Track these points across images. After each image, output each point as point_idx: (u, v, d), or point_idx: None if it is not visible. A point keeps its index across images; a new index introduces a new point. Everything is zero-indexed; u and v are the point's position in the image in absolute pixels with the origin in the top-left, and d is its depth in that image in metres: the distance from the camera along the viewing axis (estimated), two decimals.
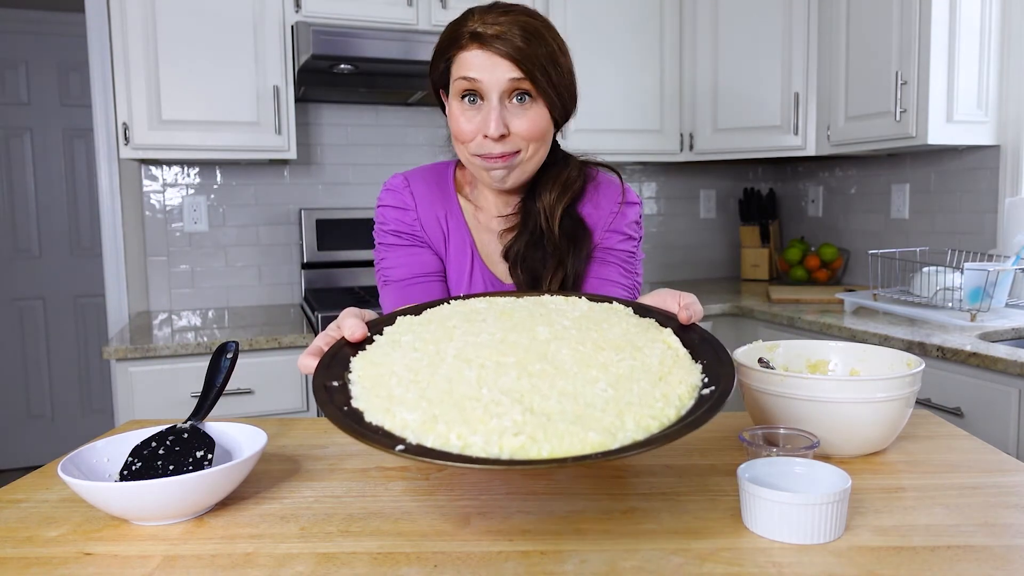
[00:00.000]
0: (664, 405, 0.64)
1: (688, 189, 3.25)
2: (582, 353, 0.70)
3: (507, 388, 0.64)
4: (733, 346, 0.95)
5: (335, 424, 0.63)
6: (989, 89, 2.22)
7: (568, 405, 0.62)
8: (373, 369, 0.70)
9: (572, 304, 0.84)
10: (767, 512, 0.68)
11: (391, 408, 0.63)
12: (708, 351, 0.75)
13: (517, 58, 1.01)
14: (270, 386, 2.10)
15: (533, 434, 0.58)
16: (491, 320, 0.77)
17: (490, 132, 1.03)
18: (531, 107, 1.05)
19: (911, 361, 0.95)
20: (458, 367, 0.68)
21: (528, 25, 1.04)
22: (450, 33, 1.07)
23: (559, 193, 1.13)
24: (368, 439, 0.60)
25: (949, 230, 2.46)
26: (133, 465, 0.81)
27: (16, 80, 3.60)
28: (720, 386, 0.68)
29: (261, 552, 0.69)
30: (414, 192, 1.18)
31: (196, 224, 2.61)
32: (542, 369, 0.67)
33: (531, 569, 0.64)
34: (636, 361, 0.70)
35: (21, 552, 0.70)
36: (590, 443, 0.58)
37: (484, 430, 0.59)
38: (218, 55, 2.26)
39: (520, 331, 0.74)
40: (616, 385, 0.66)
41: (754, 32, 2.67)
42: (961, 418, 1.66)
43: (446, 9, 2.43)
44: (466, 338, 0.73)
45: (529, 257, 1.12)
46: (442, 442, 0.59)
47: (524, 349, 0.70)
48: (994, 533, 0.70)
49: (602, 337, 0.74)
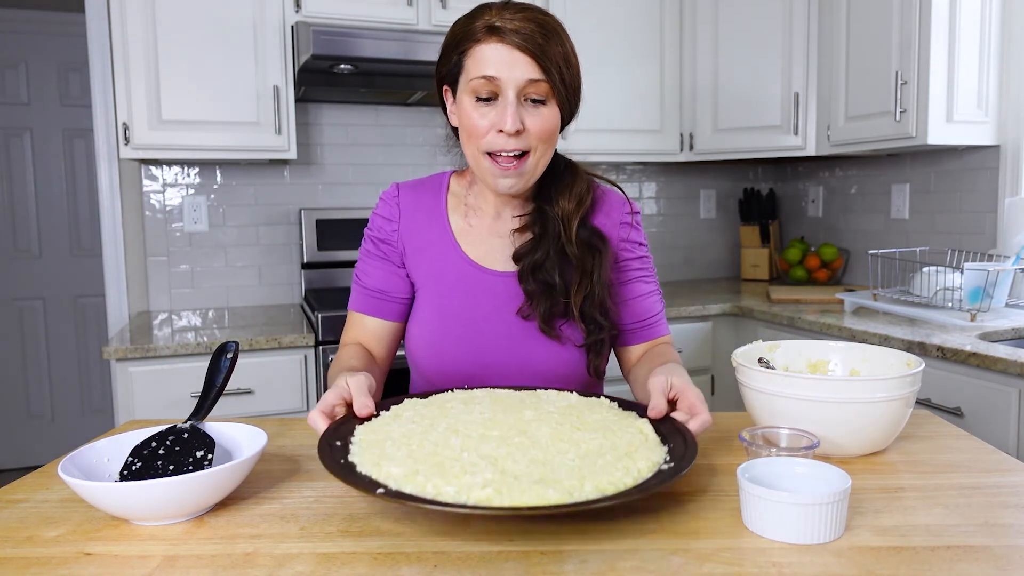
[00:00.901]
0: (623, 475, 0.70)
1: (688, 189, 3.25)
2: (559, 431, 0.78)
3: (485, 454, 0.73)
4: (733, 346, 0.95)
5: (328, 470, 0.72)
6: (989, 89, 2.22)
7: (536, 469, 0.70)
8: (373, 435, 0.79)
9: (563, 396, 0.93)
10: (767, 512, 0.68)
11: (380, 463, 0.72)
12: (678, 437, 0.81)
13: (537, 54, 1.02)
14: (270, 386, 2.10)
15: (499, 488, 0.66)
16: (486, 404, 0.87)
17: (507, 127, 1.02)
18: (544, 106, 1.06)
19: (911, 361, 0.95)
20: (446, 436, 0.77)
21: (546, 23, 1.05)
22: (464, 26, 1.07)
23: (576, 205, 1.13)
24: (353, 483, 0.69)
25: (949, 230, 2.46)
26: (133, 465, 0.81)
27: (16, 80, 3.60)
28: (678, 464, 0.74)
29: (261, 552, 0.69)
30: (401, 203, 1.21)
31: (196, 224, 2.61)
32: (520, 441, 0.76)
33: (531, 569, 0.64)
34: (607, 440, 0.77)
35: (21, 552, 0.70)
36: (548, 499, 0.65)
37: (457, 483, 0.67)
38: (218, 55, 2.26)
39: (508, 412, 0.83)
40: (583, 457, 0.73)
41: (754, 32, 2.67)
42: (961, 418, 1.66)
43: (446, 9, 2.43)
44: (459, 416, 0.83)
45: (547, 266, 1.12)
46: (419, 490, 0.67)
47: (508, 426, 0.79)
48: (994, 533, 0.70)
49: (581, 421, 0.82)
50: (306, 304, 2.50)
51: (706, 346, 2.51)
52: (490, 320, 1.15)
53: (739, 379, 0.95)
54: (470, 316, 1.15)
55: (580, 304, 1.10)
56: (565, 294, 1.11)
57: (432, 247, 1.19)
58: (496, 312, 1.15)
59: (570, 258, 1.12)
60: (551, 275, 1.11)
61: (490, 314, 1.15)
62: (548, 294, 1.11)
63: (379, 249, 1.21)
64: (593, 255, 1.12)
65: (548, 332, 1.12)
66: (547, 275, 1.11)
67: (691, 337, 2.48)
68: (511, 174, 1.07)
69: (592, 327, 1.11)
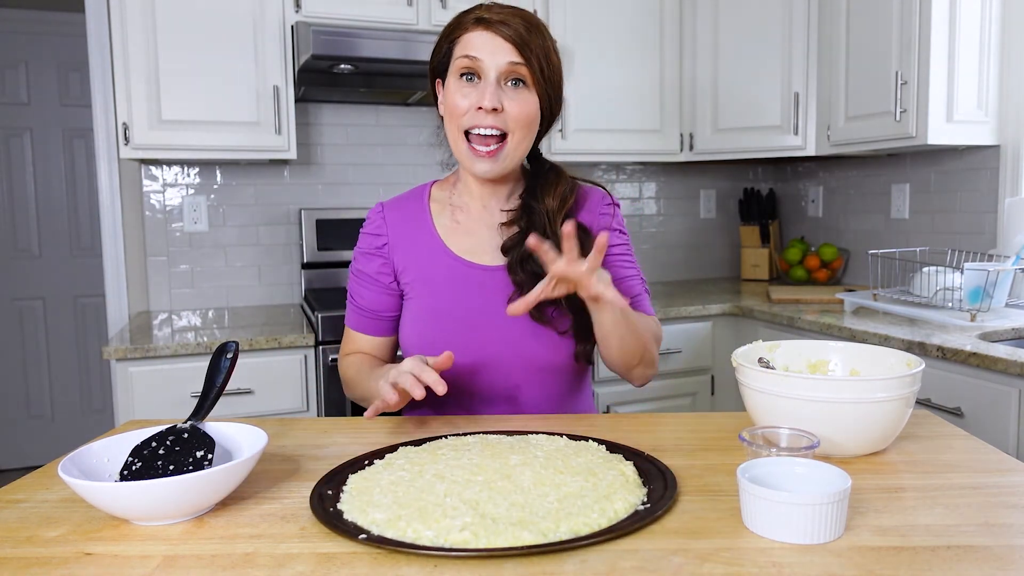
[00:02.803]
0: (599, 516, 0.72)
1: (688, 189, 3.25)
2: (542, 475, 0.80)
3: (468, 498, 0.75)
4: (733, 346, 0.95)
5: (316, 516, 0.74)
6: (989, 89, 2.22)
7: (515, 512, 0.72)
8: (364, 483, 0.81)
9: (551, 440, 0.94)
10: (767, 512, 0.68)
11: (366, 509, 0.74)
12: (658, 478, 0.82)
13: (518, 43, 1.10)
14: (270, 386, 2.10)
15: (476, 531, 0.68)
16: (475, 450, 0.89)
17: (484, 103, 1.10)
18: (524, 92, 1.13)
19: (911, 361, 0.95)
20: (432, 482, 0.79)
21: (530, 19, 1.14)
22: (455, 21, 1.16)
23: (559, 203, 1.19)
24: (338, 528, 0.71)
25: (949, 230, 2.46)
26: (133, 465, 0.81)
27: (16, 80, 3.60)
28: (655, 506, 0.75)
29: (261, 552, 0.69)
30: (386, 217, 1.26)
31: (196, 224, 2.61)
32: (503, 485, 0.78)
33: (531, 569, 0.64)
34: (588, 483, 0.79)
35: (21, 552, 0.70)
36: (522, 541, 0.67)
37: (437, 527, 0.69)
38: (218, 55, 2.26)
39: (496, 458, 0.86)
40: (563, 500, 0.75)
41: (754, 32, 2.67)
42: (961, 418, 1.66)
43: (446, 9, 2.42)
44: (448, 461, 0.85)
45: (535, 257, 1.13)
46: (400, 535, 0.69)
47: (494, 471, 0.82)
48: (994, 533, 0.70)
49: (565, 464, 0.84)
50: (306, 304, 2.50)
51: (706, 346, 2.51)
52: (481, 314, 1.17)
53: (739, 379, 0.95)
54: (461, 311, 1.18)
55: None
56: None
57: (420, 250, 1.22)
58: (486, 305, 1.17)
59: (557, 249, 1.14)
60: (538, 266, 1.13)
61: (481, 308, 1.18)
62: (537, 283, 1.13)
63: (369, 266, 1.25)
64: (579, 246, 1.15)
65: (538, 319, 1.15)
66: (535, 265, 1.14)
67: (691, 337, 2.48)
68: (487, 160, 1.13)
69: (579, 313, 1.14)
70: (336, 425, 1.11)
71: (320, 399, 2.14)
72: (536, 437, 0.96)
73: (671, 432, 1.04)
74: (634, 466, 0.85)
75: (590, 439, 0.95)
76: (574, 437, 0.96)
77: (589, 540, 0.68)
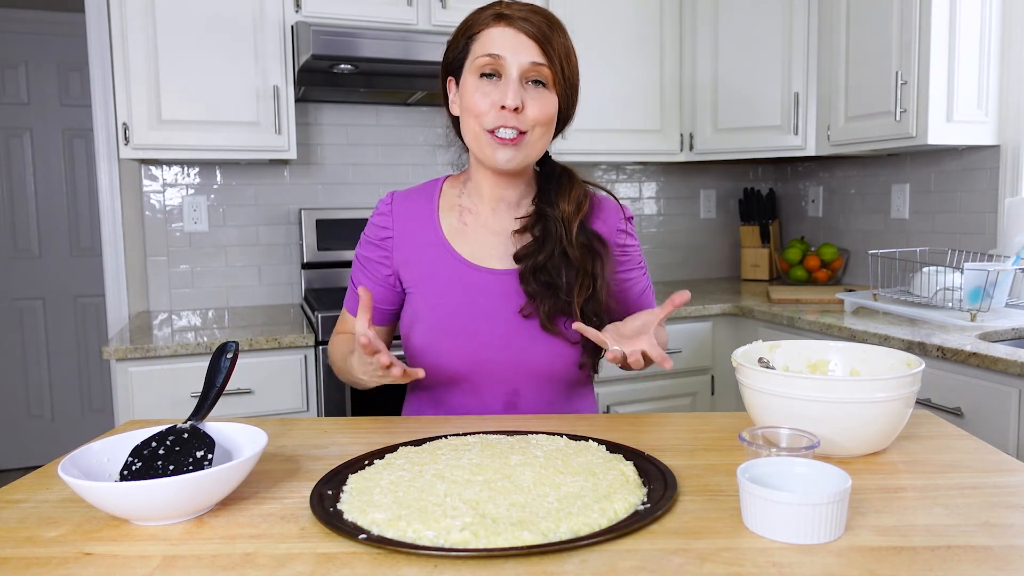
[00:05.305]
0: (599, 516, 0.72)
1: (688, 189, 3.25)
2: (543, 475, 0.81)
3: (468, 498, 0.75)
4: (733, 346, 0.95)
5: (315, 516, 0.74)
6: (989, 89, 2.22)
7: (515, 512, 0.72)
8: (363, 483, 0.81)
9: (551, 440, 0.94)
10: (767, 512, 0.68)
11: (366, 509, 0.74)
12: (658, 479, 0.82)
13: (542, 41, 1.09)
14: (270, 386, 2.10)
15: (476, 531, 0.68)
16: (475, 450, 0.90)
17: (508, 103, 1.07)
18: (544, 93, 1.11)
19: (911, 361, 0.95)
20: (432, 482, 0.79)
21: (551, 17, 1.13)
22: (474, 15, 1.13)
23: (575, 208, 1.17)
24: (338, 528, 0.71)
25: (949, 230, 2.46)
26: (133, 465, 0.81)
27: (16, 80, 3.60)
28: (655, 506, 0.75)
29: (261, 552, 0.69)
30: (394, 210, 1.24)
31: (196, 224, 2.61)
32: (503, 486, 0.78)
33: (531, 569, 0.64)
34: (588, 483, 0.79)
35: (21, 552, 0.70)
36: (522, 541, 0.67)
37: (437, 527, 0.69)
38: (218, 55, 2.26)
39: (496, 458, 0.86)
40: (563, 500, 0.75)
41: (754, 32, 2.67)
42: (961, 418, 1.66)
43: (446, 9, 2.42)
44: (448, 461, 0.86)
45: (549, 268, 1.14)
46: (400, 535, 0.69)
47: (494, 471, 0.82)
48: (994, 533, 0.70)
49: (565, 465, 0.84)
50: (306, 304, 2.50)
51: (706, 346, 2.51)
52: (484, 318, 1.16)
53: (739, 379, 0.95)
54: (465, 315, 1.16)
55: (582, 304, 1.13)
56: (568, 293, 1.13)
57: (425, 250, 1.21)
58: (490, 310, 1.16)
59: (571, 260, 1.14)
60: (552, 276, 1.13)
61: (484, 312, 1.16)
62: (550, 294, 1.13)
63: (371, 255, 1.23)
64: (594, 258, 1.16)
65: (550, 329, 1.14)
66: (549, 276, 1.13)
67: (691, 337, 2.48)
68: (509, 146, 1.11)
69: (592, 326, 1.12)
70: (336, 425, 1.11)
71: (320, 399, 2.14)
72: (536, 437, 0.96)
73: (671, 432, 1.04)
74: (634, 466, 0.85)
75: (590, 439, 0.95)
76: (574, 437, 0.96)
77: (589, 540, 0.68)
